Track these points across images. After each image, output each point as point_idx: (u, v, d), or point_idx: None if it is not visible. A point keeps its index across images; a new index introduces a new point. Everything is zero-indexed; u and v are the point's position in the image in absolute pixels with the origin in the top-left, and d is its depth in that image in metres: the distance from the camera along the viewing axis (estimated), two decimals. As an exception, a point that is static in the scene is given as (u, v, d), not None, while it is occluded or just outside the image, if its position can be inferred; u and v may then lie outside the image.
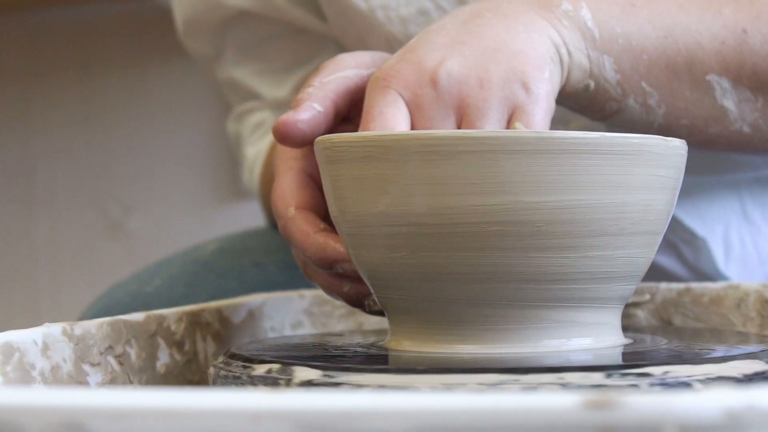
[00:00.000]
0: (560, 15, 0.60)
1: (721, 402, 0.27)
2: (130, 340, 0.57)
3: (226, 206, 1.87)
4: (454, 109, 0.56)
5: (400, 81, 0.57)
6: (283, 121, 0.58)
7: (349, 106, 0.61)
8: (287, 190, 0.61)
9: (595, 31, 0.60)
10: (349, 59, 0.62)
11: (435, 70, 0.56)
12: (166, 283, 0.88)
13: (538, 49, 0.57)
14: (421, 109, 0.56)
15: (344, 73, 0.60)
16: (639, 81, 0.62)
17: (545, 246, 0.49)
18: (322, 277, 0.60)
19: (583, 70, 0.60)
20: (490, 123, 0.56)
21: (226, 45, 0.94)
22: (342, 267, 0.57)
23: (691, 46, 0.63)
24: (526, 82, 0.56)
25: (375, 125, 0.56)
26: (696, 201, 0.82)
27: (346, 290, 0.59)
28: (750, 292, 0.66)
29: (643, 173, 0.50)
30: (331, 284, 0.60)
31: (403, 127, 0.56)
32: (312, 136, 0.58)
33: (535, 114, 0.56)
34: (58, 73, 1.90)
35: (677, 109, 0.64)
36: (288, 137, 0.58)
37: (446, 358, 0.50)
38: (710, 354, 0.49)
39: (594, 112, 0.64)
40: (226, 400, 0.28)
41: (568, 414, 0.27)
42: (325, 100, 0.59)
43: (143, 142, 1.88)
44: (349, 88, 0.60)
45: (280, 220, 0.61)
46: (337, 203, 0.53)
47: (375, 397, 0.28)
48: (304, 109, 0.58)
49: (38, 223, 1.93)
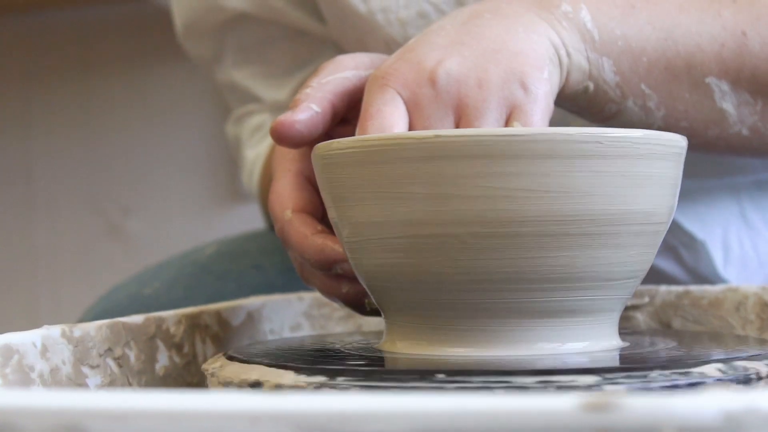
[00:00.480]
0: (560, 16, 0.60)
1: (720, 404, 0.27)
2: (129, 342, 0.57)
3: (225, 209, 1.87)
4: (452, 109, 0.56)
5: (399, 80, 0.57)
6: (280, 121, 0.58)
7: (347, 107, 0.61)
8: (284, 193, 0.61)
9: (594, 32, 0.60)
10: (348, 60, 0.62)
11: (434, 70, 0.56)
12: (165, 285, 0.88)
13: (537, 50, 0.57)
14: (420, 108, 0.56)
15: (343, 74, 0.60)
16: (638, 83, 0.62)
17: (543, 249, 0.49)
18: (320, 279, 0.60)
19: (582, 72, 0.60)
20: (488, 123, 0.56)
21: (226, 47, 0.94)
22: (341, 267, 0.57)
23: (690, 48, 0.63)
24: (525, 82, 0.56)
25: (372, 123, 0.56)
26: (695, 204, 0.82)
27: (345, 291, 0.59)
28: (749, 295, 0.66)
29: (643, 172, 0.49)
30: (329, 286, 0.60)
31: (400, 125, 0.56)
32: (309, 137, 0.58)
33: (533, 114, 0.56)
34: (58, 76, 1.90)
35: (676, 112, 0.64)
36: (285, 138, 0.58)
37: (442, 360, 0.50)
38: (711, 356, 0.49)
39: (593, 113, 0.64)
40: (225, 402, 0.28)
41: (566, 416, 0.27)
42: (323, 101, 0.59)
43: (143, 145, 1.88)
44: (347, 89, 0.60)
45: (277, 222, 0.60)
46: (335, 208, 0.53)
47: (373, 399, 0.28)
48: (302, 110, 0.58)
49: (38, 226, 1.93)
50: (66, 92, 1.90)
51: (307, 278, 0.61)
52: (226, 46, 0.93)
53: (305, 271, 0.61)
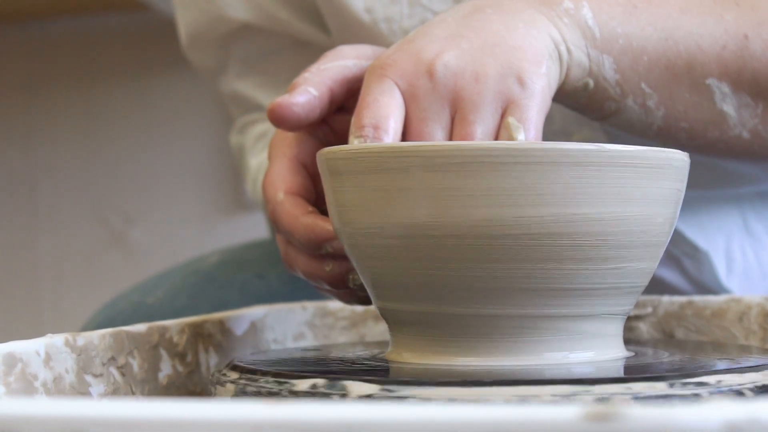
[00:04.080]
0: (561, 13, 0.60)
1: (722, 414, 0.27)
2: (132, 351, 0.57)
3: (229, 218, 1.87)
4: (449, 102, 0.56)
5: (397, 70, 0.57)
6: (278, 102, 0.58)
7: (346, 94, 0.61)
8: (277, 176, 0.61)
9: (595, 30, 0.60)
10: (350, 50, 0.62)
11: (432, 62, 0.57)
12: (169, 294, 0.88)
13: (536, 45, 0.58)
14: (417, 99, 0.56)
15: (343, 62, 0.61)
16: (638, 82, 0.62)
17: (547, 259, 0.49)
18: (304, 262, 0.60)
19: (582, 69, 0.60)
20: (484, 117, 0.56)
21: (230, 58, 0.94)
22: (331, 245, 0.58)
23: (691, 49, 0.63)
24: (522, 77, 0.56)
25: (369, 112, 0.56)
26: (698, 214, 0.82)
27: (329, 269, 0.59)
28: (752, 305, 0.66)
29: (648, 185, 0.50)
30: (312, 267, 0.60)
31: (396, 115, 0.56)
32: (306, 120, 0.59)
33: (529, 109, 0.56)
34: (61, 85, 1.90)
35: (676, 112, 0.64)
36: (282, 119, 0.58)
37: (447, 370, 0.50)
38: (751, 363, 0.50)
39: (593, 111, 0.64)
40: (227, 411, 0.28)
41: (569, 426, 0.27)
42: (321, 86, 0.59)
43: (146, 154, 1.89)
44: (346, 77, 0.60)
45: (269, 204, 0.61)
46: (339, 214, 0.53)
47: (376, 408, 0.28)
48: (300, 93, 0.59)
49: (41, 235, 1.94)
50: (69, 101, 1.90)
51: (291, 263, 0.61)
52: (230, 57, 0.94)
53: (289, 255, 0.61)
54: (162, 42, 1.72)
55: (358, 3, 0.79)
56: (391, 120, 0.56)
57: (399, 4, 0.77)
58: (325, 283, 0.60)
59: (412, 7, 0.77)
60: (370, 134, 0.55)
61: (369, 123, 0.56)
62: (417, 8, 0.77)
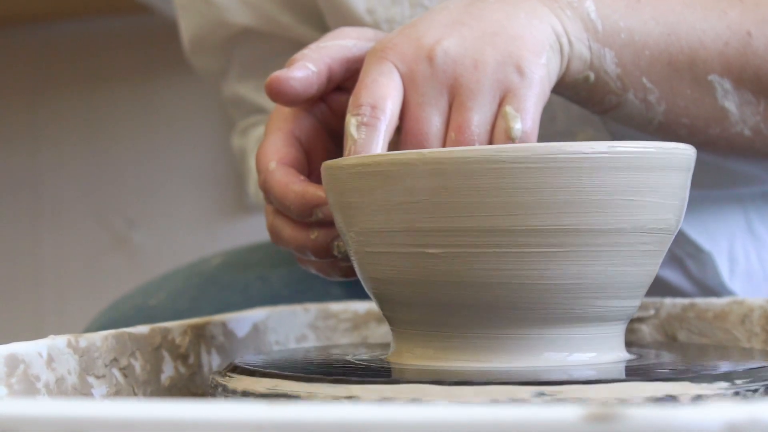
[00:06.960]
0: (564, 5, 0.60)
1: (723, 416, 0.27)
2: (134, 352, 0.57)
3: (231, 220, 1.87)
4: (447, 88, 0.56)
5: (398, 54, 0.57)
6: (276, 76, 0.59)
7: (345, 74, 0.61)
8: (271, 147, 0.61)
9: (597, 23, 0.61)
10: (351, 31, 0.63)
11: (432, 47, 0.57)
12: (171, 296, 0.88)
13: (537, 36, 0.58)
14: (415, 84, 0.57)
15: (344, 41, 0.61)
16: (640, 76, 0.62)
17: (549, 260, 0.49)
18: (290, 231, 0.60)
19: (583, 61, 0.60)
20: (481, 104, 0.56)
21: (232, 62, 0.94)
22: (322, 211, 0.58)
23: (693, 44, 0.63)
24: (521, 66, 0.56)
25: (367, 92, 0.56)
26: (701, 215, 0.82)
27: (314, 237, 0.59)
28: (755, 307, 0.66)
29: (651, 183, 0.49)
30: (298, 236, 0.60)
31: (394, 97, 0.56)
32: (304, 95, 0.59)
33: (526, 99, 0.56)
34: (64, 88, 1.90)
35: (677, 107, 0.64)
36: (280, 93, 0.59)
37: (448, 371, 0.50)
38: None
39: (593, 104, 0.64)
40: (229, 412, 0.28)
41: (570, 427, 0.27)
42: (320, 63, 0.60)
43: (148, 157, 1.89)
44: (346, 56, 0.61)
45: (260, 174, 0.61)
46: (343, 218, 0.53)
47: (377, 409, 0.28)
48: (298, 68, 0.59)
49: (44, 237, 1.94)
50: (72, 104, 1.90)
51: (277, 233, 0.61)
52: (232, 61, 0.94)
53: (275, 226, 0.61)
54: (166, 46, 1.73)
55: (359, 4, 0.79)
56: (388, 101, 0.56)
57: (400, 6, 0.78)
58: (310, 252, 0.60)
59: (414, 8, 0.77)
60: (368, 113, 0.55)
61: (367, 102, 0.56)
62: (418, 9, 0.77)
